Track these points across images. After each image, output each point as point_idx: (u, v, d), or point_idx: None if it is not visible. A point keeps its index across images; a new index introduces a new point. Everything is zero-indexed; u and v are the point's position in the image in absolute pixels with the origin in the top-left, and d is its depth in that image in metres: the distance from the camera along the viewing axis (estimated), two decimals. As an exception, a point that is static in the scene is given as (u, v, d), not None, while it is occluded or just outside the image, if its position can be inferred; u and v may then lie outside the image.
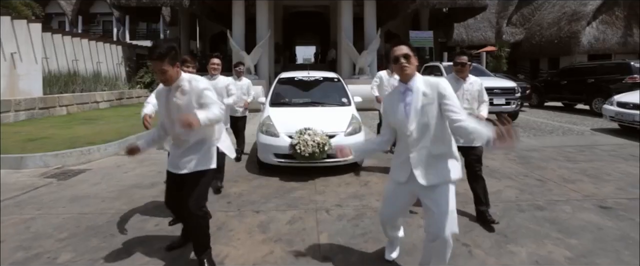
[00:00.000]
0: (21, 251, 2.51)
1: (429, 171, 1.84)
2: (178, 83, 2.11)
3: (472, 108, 2.98)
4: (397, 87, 1.95)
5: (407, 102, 1.86)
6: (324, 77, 5.95)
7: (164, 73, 2.04)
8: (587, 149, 5.71)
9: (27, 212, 3.25)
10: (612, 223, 2.87)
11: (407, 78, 1.89)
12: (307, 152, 4.04)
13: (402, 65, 1.86)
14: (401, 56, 1.86)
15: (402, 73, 1.88)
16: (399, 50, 1.88)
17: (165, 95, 2.17)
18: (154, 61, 2.02)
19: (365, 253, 2.45)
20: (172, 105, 2.13)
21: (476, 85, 3.02)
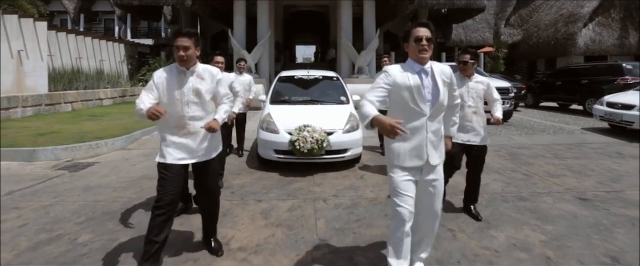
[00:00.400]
0: (44, 233, 2.74)
1: (437, 151, 1.92)
2: (195, 68, 2.18)
3: (477, 106, 2.95)
4: (410, 66, 1.89)
5: (425, 84, 1.85)
6: (323, 76, 6.12)
7: (187, 50, 2.09)
8: (575, 147, 5.95)
9: (44, 200, 3.48)
10: (588, 213, 3.11)
11: (424, 61, 1.86)
12: (306, 148, 4.19)
13: (424, 47, 1.82)
14: (425, 38, 1.82)
15: (422, 56, 1.84)
16: (424, 31, 1.84)
17: (175, 78, 2.16)
18: (182, 37, 2.10)
19: (358, 236, 2.69)
20: (188, 88, 2.15)
21: (482, 84, 2.98)
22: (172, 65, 2.23)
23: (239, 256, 2.38)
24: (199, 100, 2.17)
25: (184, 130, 2.16)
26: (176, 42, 2.10)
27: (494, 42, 20.33)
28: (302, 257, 2.37)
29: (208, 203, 2.39)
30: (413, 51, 1.86)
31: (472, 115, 2.93)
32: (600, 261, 2.30)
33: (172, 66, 2.22)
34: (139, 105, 2.07)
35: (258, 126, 4.83)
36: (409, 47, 1.89)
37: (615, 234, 2.69)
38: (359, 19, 14.37)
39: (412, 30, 1.87)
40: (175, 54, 2.11)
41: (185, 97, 2.13)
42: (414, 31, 1.86)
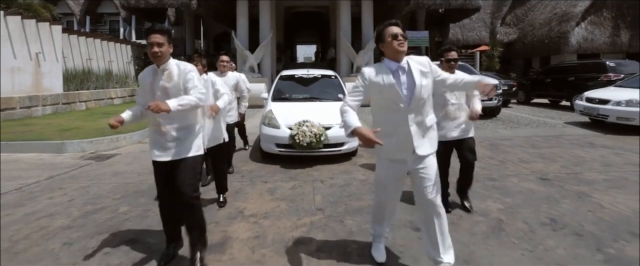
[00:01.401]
0: (89, 206, 3.32)
1: (425, 142, 1.97)
2: (166, 66, 2.14)
3: (459, 102, 3.00)
4: (387, 65, 1.95)
5: (402, 81, 1.91)
6: (322, 75, 6.55)
7: (160, 46, 2.06)
8: (553, 138, 6.50)
9: (82, 182, 4.07)
10: (544, 189, 3.67)
11: (400, 57, 1.92)
12: (305, 142, 4.49)
13: (401, 42, 1.88)
14: (400, 34, 1.89)
15: (398, 52, 1.90)
16: (395, 29, 1.90)
17: (151, 77, 2.17)
18: (154, 33, 2.07)
19: (349, 206, 3.25)
20: (158, 87, 2.13)
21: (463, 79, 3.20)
22: (153, 65, 2.20)
23: (251, 220, 2.95)
24: (167, 99, 2.09)
25: (157, 129, 2.18)
26: (149, 39, 2.07)
27: (490, 41, 20.81)
28: (302, 221, 2.94)
29: (181, 208, 2.19)
30: (390, 48, 1.91)
31: (455, 111, 2.98)
32: (541, 222, 2.86)
33: (153, 66, 2.20)
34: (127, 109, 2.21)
35: (260, 122, 5.19)
36: (385, 46, 1.93)
37: (561, 204, 3.25)
38: (357, 19, 14.90)
39: (386, 30, 1.93)
40: (149, 50, 2.09)
41: (155, 96, 2.12)
42: (388, 30, 1.92)
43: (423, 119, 1.97)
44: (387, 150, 1.99)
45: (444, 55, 2.97)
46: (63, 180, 4.17)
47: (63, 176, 4.33)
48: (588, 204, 3.22)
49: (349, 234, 2.68)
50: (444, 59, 2.96)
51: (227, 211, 3.16)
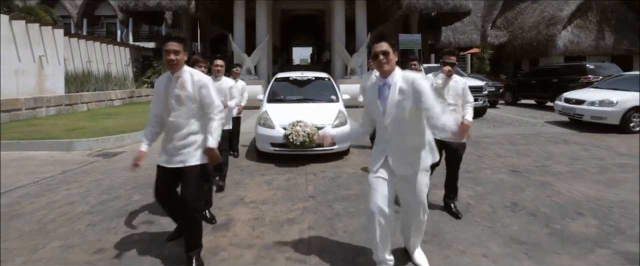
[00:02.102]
0: (105, 195, 3.69)
1: (404, 162, 1.96)
2: (180, 73, 2.18)
3: (456, 104, 3.05)
4: (376, 81, 1.99)
5: (384, 97, 1.92)
6: (315, 77, 6.82)
7: (177, 53, 2.13)
8: (531, 136, 6.96)
9: (94, 176, 4.43)
10: (512, 179, 4.10)
11: (386, 74, 1.93)
12: (299, 141, 4.67)
13: (381, 61, 1.90)
14: (380, 53, 1.89)
15: (381, 70, 1.93)
16: (379, 47, 1.90)
17: (164, 85, 2.21)
18: (172, 41, 2.13)
19: (338, 194, 3.66)
20: (171, 95, 2.18)
21: (460, 83, 3.09)
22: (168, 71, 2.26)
23: (251, 206, 3.35)
24: (179, 106, 2.17)
25: (167, 134, 2.24)
26: (166, 46, 2.13)
27: (480, 44, 21.38)
28: (296, 206, 3.34)
29: (185, 220, 2.30)
30: (375, 64, 1.96)
31: (452, 112, 3.02)
32: (504, 205, 3.29)
33: (168, 72, 2.25)
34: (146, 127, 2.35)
35: (256, 122, 5.36)
36: (373, 62, 1.98)
37: (525, 191, 3.68)
38: (352, 22, 15.34)
39: (373, 46, 1.95)
40: (165, 57, 2.14)
41: (168, 103, 2.18)
42: (374, 47, 1.94)
43: (402, 139, 1.95)
44: (370, 159, 2.08)
45: (444, 58, 3.04)
46: (76, 174, 4.53)
47: (76, 171, 4.69)
48: (548, 191, 3.66)
49: (336, 216, 3.09)
50: (442, 61, 3.05)
51: (229, 199, 3.55)
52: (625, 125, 7.03)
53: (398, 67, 1.98)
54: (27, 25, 9.64)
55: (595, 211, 3.09)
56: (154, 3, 17.28)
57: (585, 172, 4.37)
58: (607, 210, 3.14)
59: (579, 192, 3.60)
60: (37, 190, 3.90)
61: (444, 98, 3.03)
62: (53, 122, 8.13)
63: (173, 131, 2.22)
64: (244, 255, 2.42)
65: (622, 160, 4.96)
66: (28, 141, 6.03)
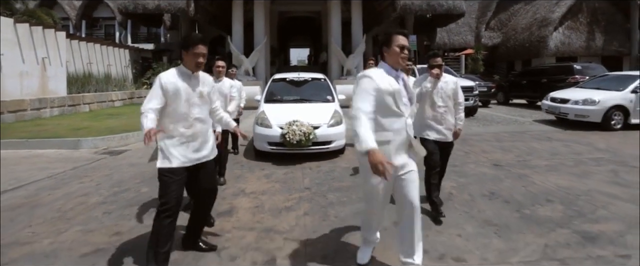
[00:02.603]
0: (115, 188, 3.98)
1: (412, 150, 2.05)
2: (198, 73, 2.31)
3: (447, 106, 3.08)
4: (388, 71, 2.00)
5: (402, 87, 2.00)
6: (312, 78, 6.83)
7: (205, 57, 2.23)
8: (517, 134, 7.29)
9: (103, 171, 4.72)
10: (493, 172, 4.43)
11: (400, 66, 2.02)
12: (295, 140, 4.81)
13: (406, 55, 1.98)
14: (407, 47, 1.98)
15: (402, 62, 1.99)
16: (405, 41, 1.98)
17: (183, 82, 2.22)
18: (202, 44, 2.20)
19: (331, 185, 3.96)
20: (194, 91, 2.25)
21: (451, 84, 3.10)
22: (178, 68, 2.28)
23: (251, 196, 3.65)
24: (202, 103, 2.29)
25: (191, 131, 2.23)
26: (197, 49, 2.19)
27: (475, 45, 21.78)
28: (293, 196, 3.64)
29: (209, 201, 2.46)
30: (394, 57, 1.97)
31: (443, 114, 3.06)
32: (482, 194, 3.61)
33: (178, 69, 2.27)
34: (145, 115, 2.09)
35: (254, 122, 5.49)
36: (390, 52, 1.98)
37: (504, 182, 4.00)
38: (348, 24, 15.67)
39: (395, 37, 1.98)
40: (195, 59, 2.20)
41: (191, 99, 2.23)
42: (397, 38, 1.97)
43: (410, 127, 2.05)
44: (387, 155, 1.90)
45: (429, 61, 3.09)
46: (86, 170, 4.82)
47: (85, 167, 4.98)
48: (524, 182, 3.99)
49: (329, 204, 3.40)
50: (429, 64, 3.07)
51: (231, 190, 3.85)
52: (607, 123, 7.39)
53: None
54: (31, 28, 9.90)
55: (563, 199, 3.42)
56: (153, 5, 17.54)
57: (562, 165, 4.70)
58: (574, 197, 3.47)
59: (552, 183, 3.93)
60: (52, 183, 4.18)
61: (434, 101, 3.05)
62: (58, 122, 8.39)
63: (196, 127, 2.26)
64: (246, 236, 2.73)
65: (598, 155, 5.30)
66: (37, 140, 6.30)
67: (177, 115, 2.21)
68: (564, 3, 19.12)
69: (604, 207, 3.20)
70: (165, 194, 2.18)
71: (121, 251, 2.50)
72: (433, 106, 3.06)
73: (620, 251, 2.40)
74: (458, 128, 3.17)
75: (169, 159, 2.19)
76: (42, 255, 2.45)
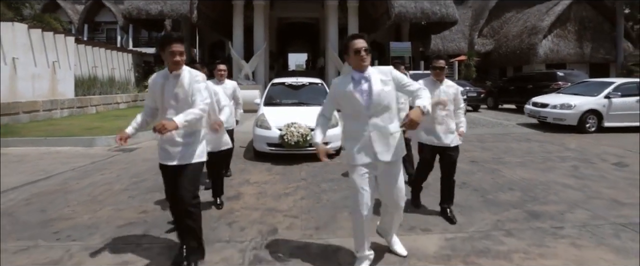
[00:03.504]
0: (134, 178, 4.50)
1: (389, 149, 2.08)
2: (179, 72, 2.20)
3: (449, 110, 3.04)
4: (350, 75, 2.13)
5: (363, 89, 2.07)
6: (309, 82, 7.10)
7: (182, 55, 2.17)
8: (500, 136, 7.87)
9: (120, 165, 5.24)
10: (469, 167, 4.98)
11: (364, 69, 2.10)
12: (293, 141, 5.06)
13: (363, 57, 2.06)
14: (363, 49, 2.06)
15: (362, 64, 2.08)
16: (361, 43, 2.07)
17: (162, 83, 2.22)
18: (178, 43, 2.15)
19: (325, 176, 4.51)
20: (169, 92, 2.20)
21: (452, 89, 3.08)
22: (164, 69, 2.27)
23: (255, 185, 4.19)
24: (177, 104, 2.21)
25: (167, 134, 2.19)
26: (171, 48, 2.14)
27: (468, 51, 22.48)
28: (291, 185, 4.18)
29: (179, 212, 2.30)
30: (354, 61, 2.11)
31: (444, 117, 3.02)
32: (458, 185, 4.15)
33: (164, 71, 2.26)
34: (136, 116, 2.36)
35: (253, 124, 5.73)
36: (350, 58, 2.13)
37: (476, 175, 4.56)
38: (345, 30, 16.27)
39: (350, 43, 2.11)
40: (171, 59, 2.15)
41: (165, 101, 2.22)
42: (351, 44, 2.10)
43: (385, 125, 2.09)
44: (352, 156, 2.12)
45: (432, 63, 3.09)
46: (104, 164, 5.34)
47: (103, 162, 5.50)
48: (494, 175, 4.55)
49: (322, 191, 3.94)
50: (431, 65, 3.09)
51: (237, 180, 4.38)
52: (582, 126, 7.98)
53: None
54: (43, 33, 10.43)
55: (523, 187, 3.98)
56: (156, 11, 18.15)
57: (531, 162, 5.27)
58: (533, 186, 4.03)
59: (518, 176, 4.50)
60: (76, 175, 4.70)
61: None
62: (69, 122, 8.90)
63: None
64: (252, 214, 3.26)
65: (567, 153, 5.88)
66: (54, 138, 6.81)
67: (160, 115, 2.30)
68: (553, 12, 19.88)
69: (555, 194, 3.76)
70: (164, 188, 2.41)
71: (150, 224, 3.02)
72: (433, 110, 2.95)
73: (556, 224, 2.95)
74: (461, 130, 3.17)
75: (159, 155, 2.32)
76: (85, 227, 2.97)
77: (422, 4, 18.97)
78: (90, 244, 2.65)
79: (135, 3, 18.25)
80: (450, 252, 2.49)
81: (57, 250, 2.56)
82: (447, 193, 3.15)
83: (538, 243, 2.63)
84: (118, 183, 4.30)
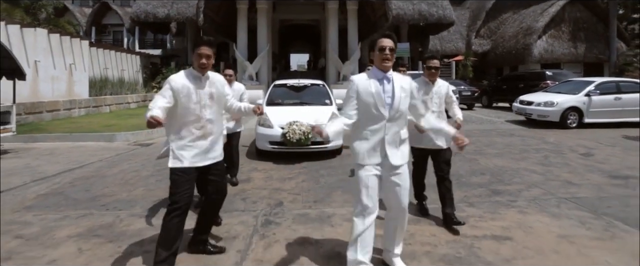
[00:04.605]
0: (157, 166, 5.16)
1: (398, 152, 2.10)
2: (208, 74, 2.35)
3: (440, 111, 3.03)
4: (374, 74, 2.09)
5: (386, 90, 2.06)
6: (311, 83, 7.30)
7: (209, 58, 2.27)
8: (487, 131, 8.48)
9: (142, 156, 5.90)
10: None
11: (387, 69, 2.08)
12: (295, 139, 5.16)
13: (387, 56, 2.04)
14: (388, 48, 2.04)
15: (385, 64, 2.05)
16: (387, 42, 2.05)
17: (193, 84, 2.27)
18: (206, 46, 2.27)
19: (324, 165, 5.14)
20: (205, 93, 2.30)
21: (444, 88, 3.06)
22: (187, 70, 2.33)
23: (263, 171, 4.84)
24: (213, 103, 2.33)
25: (201, 132, 2.27)
26: (200, 50, 2.26)
27: (465, 52, 23.07)
28: (293, 171, 4.83)
29: (219, 201, 2.48)
30: (377, 59, 2.07)
31: (436, 118, 2.81)
32: (436, 170, 4.79)
33: (188, 72, 2.32)
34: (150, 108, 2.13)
35: (256, 123, 5.83)
36: (375, 56, 2.10)
37: (456, 163, 5.11)
38: (345, 31, 16.89)
39: (378, 41, 2.08)
40: (198, 60, 2.26)
41: (202, 100, 2.27)
42: (379, 41, 2.08)
43: (398, 130, 2.11)
44: (362, 156, 2.09)
45: (426, 63, 3.03)
46: (128, 155, 6.01)
47: (126, 154, 6.17)
48: (471, 163, 5.17)
49: (321, 176, 4.59)
50: (425, 66, 3.03)
51: (246, 168, 5.02)
52: (564, 122, 8.58)
53: None
54: (61, 37, 11.14)
55: (494, 172, 4.62)
56: (163, 14, 18.92)
57: (508, 153, 5.90)
58: (503, 172, 4.66)
59: (493, 164, 5.13)
60: (105, 164, 5.37)
61: (428, 106, 2.98)
62: (88, 121, 9.59)
63: (207, 128, 2.29)
64: (261, 192, 3.91)
65: (543, 146, 6.49)
66: (78, 134, 7.49)
67: (188, 116, 2.25)
68: (547, 13, 20.43)
69: (520, 177, 4.39)
70: (176, 193, 2.23)
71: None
72: (426, 112, 2.86)
73: (512, 199, 3.59)
74: (459, 120, 3.10)
75: (180, 159, 2.25)
76: (126, 201, 3.63)
77: (419, 6, 19.67)
78: (134, 212, 3.31)
79: (143, 7, 19.03)
80: (420, 217, 3.12)
81: (108, 216, 3.22)
82: (448, 196, 3.01)
83: (492, 211, 3.26)
84: (144, 170, 4.96)
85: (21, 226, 3.02)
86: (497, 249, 2.54)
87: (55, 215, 3.28)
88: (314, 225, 2.98)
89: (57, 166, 5.25)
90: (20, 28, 9.61)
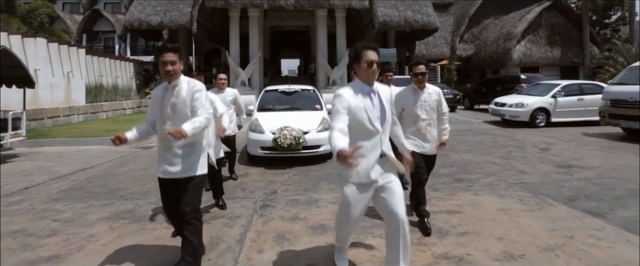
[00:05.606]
0: (162, 166, 5.70)
1: (389, 165, 2.05)
2: (177, 82, 2.23)
3: (430, 119, 2.93)
4: (360, 88, 2.03)
5: (374, 103, 2.00)
6: (301, 89, 7.32)
7: (174, 64, 2.17)
8: (463, 131, 9.21)
9: (145, 158, 6.43)
10: (427, 153, 6.29)
11: (372, 82, 2.03)
12: (286, 143, 5.25)
13: (375, 71, 2.00)
14: (376, 61, 1.99)
15: (371, 77, 2.00)
16: (374, 55, 1.99)
17: (161, 95, 2.24)
18: (169, 52, 2.17)
19: (315, 165, 5.75)
20: (167, 103, 2.21)
21: (434, 95, 2.96)
22: (165, 81, 2.28)
23: (258, 169, 5.43)
24: (175, 115, 2.21)
25: (163, 144, 2.25)
26: (163, 57, 2.17)
27: (449, 56, 24.05)
28: (285, 169, 5.42)
29: (182, 225, 2.24)
30: (365, 72, 2.00)
31: (426, 127, 2.93)
32: (411, 164, 5.46)
33: (164, 83, 2.29)
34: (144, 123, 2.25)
35: (247, 129, 5.80)
36: (359, 68, 2.01)
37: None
38: (334, 36, 17.63)
39: (363, 53, 1.99)
40: (163, 68, 2.18)
41: (164, 112, 2.21)
42: (365, 54, 1.99)
43: (387, 142, 2.07)
44: (357, 174, 1.97)
45: (412, 69, 2.95)
46: (133, 157, 6.53)
47: (130, 156, 6.69)
48: (443, 158, 5.84)
49: (310, 170, 5.22)
50: (412, 73, 2.95)
51: (243, 165, 5.60)
52: (533, 122, 9.38)
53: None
54: (59, 46, 11.57)
55: (460, 165, 5.30)
56: (156, 22, 19.36)
57: (478, 149, 6.60)
58: (468, 164, 5.35)
59: (462, 158, 5.81)
60: (114, 165, 5.89)
61: (418, 114, 2.92)
62: (88, 126, 10.04)
63: (170, 140, 2.18)
64: (258, 184, 4.51)
65: (509, 143, 7.23)
66: (82, 138, 7.97)
67: (158, 127, 2.27)
68: (525, 19, 21.53)
69: (482, 168, 5.08)
70: (161, 199, 2.34)
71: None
72: (416, 120, 2.93)
73: (470, 184, 4.26)
74: (444, 138, 3.06)
75: (159, 169, 2.28)
76: (140, 193, 4.19)
77: (405, 13, 20.51)
78: (150, 201, 3.87)
79: (136, 15, 19.44)
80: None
81: (128, 204, 3.78)
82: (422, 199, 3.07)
83: (451, 193, 3.93)
84: (151, 168, 5.50)
85: (55, 213, 3.56)
86: (448, 219, 3.20)
87: (81, 204, 3.82)
88: (303, 207, 3.59)
89: (69, 166, 5.75)
90: (21, 38, 10.04)
